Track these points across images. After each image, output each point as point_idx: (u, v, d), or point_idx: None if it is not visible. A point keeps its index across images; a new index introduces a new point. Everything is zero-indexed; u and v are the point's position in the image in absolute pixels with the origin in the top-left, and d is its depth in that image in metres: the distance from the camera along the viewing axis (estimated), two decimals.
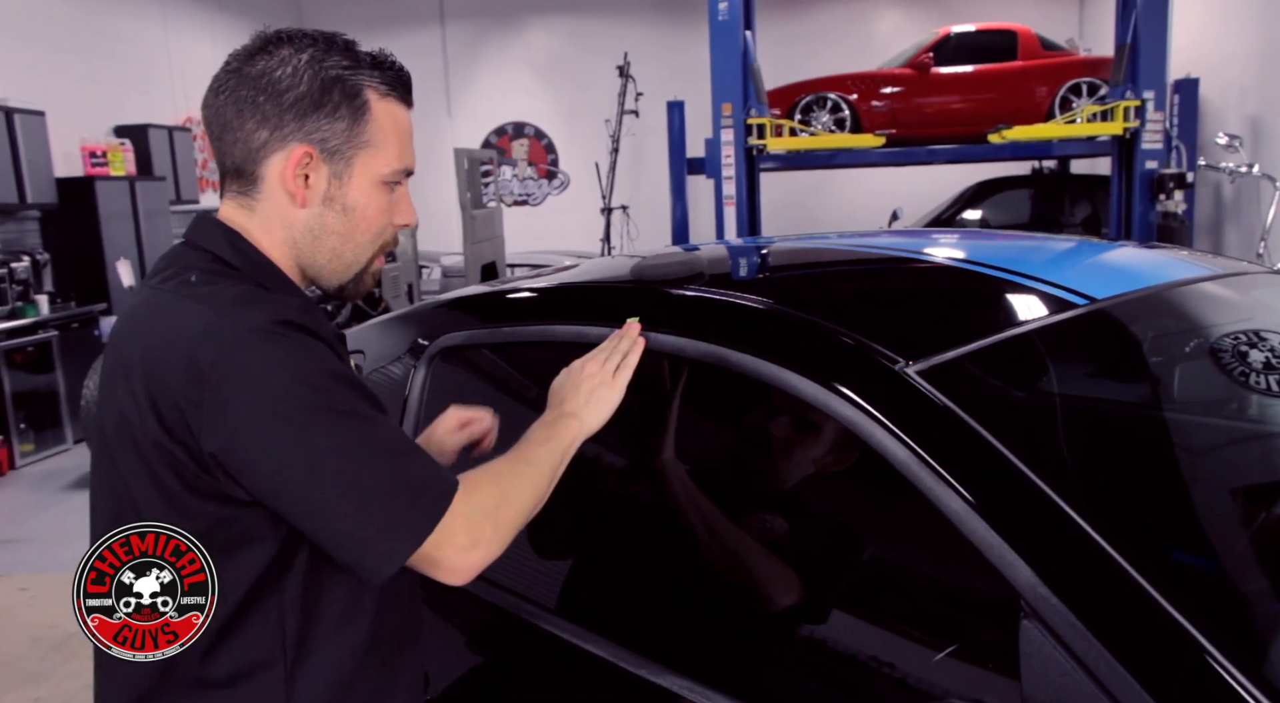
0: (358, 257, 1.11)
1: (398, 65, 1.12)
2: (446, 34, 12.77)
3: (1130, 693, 0.85)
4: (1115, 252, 2.00)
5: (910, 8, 11.57)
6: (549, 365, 1.66)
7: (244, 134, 1.04)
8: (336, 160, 1.06)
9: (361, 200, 1.08)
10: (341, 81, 1.05)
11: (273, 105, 1.03)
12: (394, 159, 1.09)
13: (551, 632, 1.36)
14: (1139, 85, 6.86)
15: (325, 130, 1.04)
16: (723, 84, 7.26)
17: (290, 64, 1.03)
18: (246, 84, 1.03)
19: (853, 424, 1.11)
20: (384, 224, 1.11)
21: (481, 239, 8.07)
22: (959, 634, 1.17)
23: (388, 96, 1.09)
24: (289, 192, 1.05)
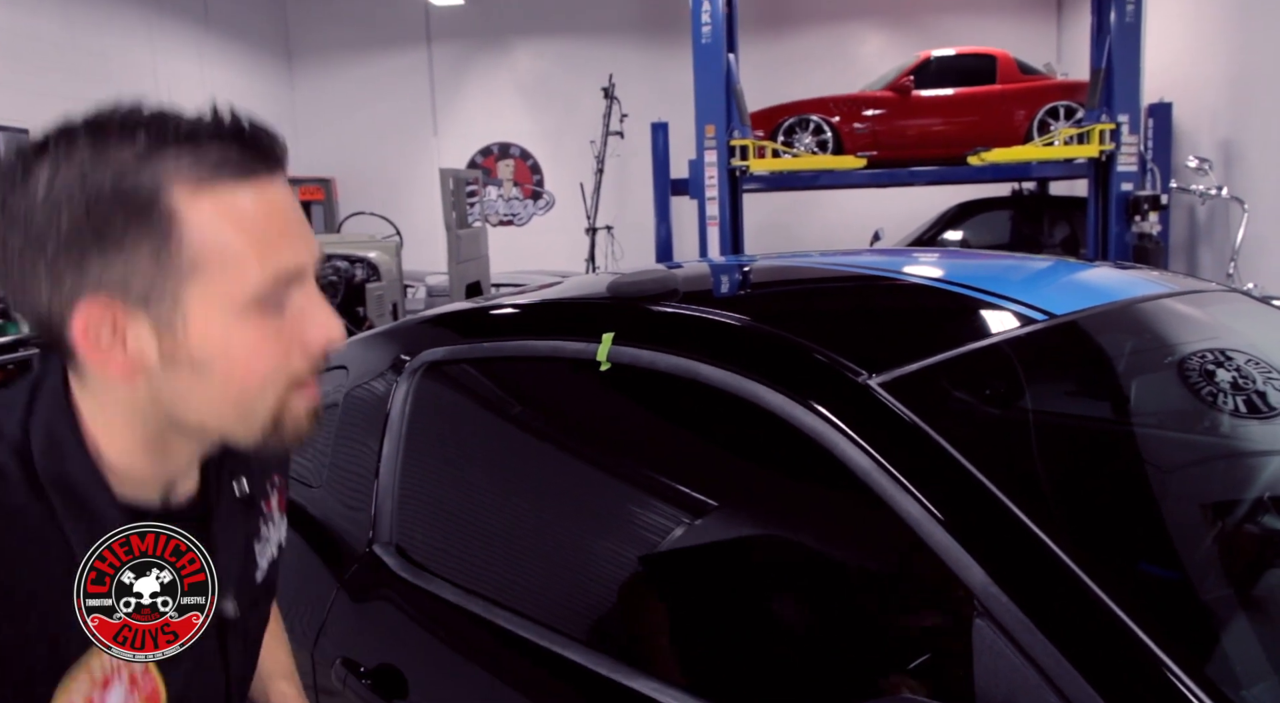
0: (255, 410, 0.79)
1: (230, 124, 0.75)
2: (433, 55, 12.86)
3: (1075, 687, 0.89)
4: (1081, 271, 2.06)
5: (891, 32, 11.74)
6: (529, 380, 1.71)
7: (21, 298, 0.75)
8: (154, 307, 0.74)
9: (218, 346, 0.75)
10: (123, 192, 0.71)
11: (36, 254, 0.72)
12: (250, 272, 0.75)
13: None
14: (1114, 109, 6.99)
15: (120, 269, 0.72)
16: (706, 106, 7.35)
17: (61, 173, 0.72)
18: (13, 227, 0.73)
19: (818, 435, 1.15)
20: (277, 358, 0.78)
21: (467, 259, 8.11)
22: (920, 636, 1.21)
23: (211, 183, 0.73)
24: (96, 363, 0.75)
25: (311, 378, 0.82)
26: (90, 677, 0.81)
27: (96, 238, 0.72)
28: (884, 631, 1.25)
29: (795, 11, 11.86)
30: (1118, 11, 6.82)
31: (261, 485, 0.99)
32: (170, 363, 0.76)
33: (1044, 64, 9.13)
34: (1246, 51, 6.97)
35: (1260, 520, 1.42)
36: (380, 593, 1.63)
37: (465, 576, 1.54)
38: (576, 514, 1.55)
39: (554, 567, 1.53)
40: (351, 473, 1.81)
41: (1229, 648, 1.10)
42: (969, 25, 11.16)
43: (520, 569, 1.52)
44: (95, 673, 0.82)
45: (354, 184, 12.46)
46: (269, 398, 0.79)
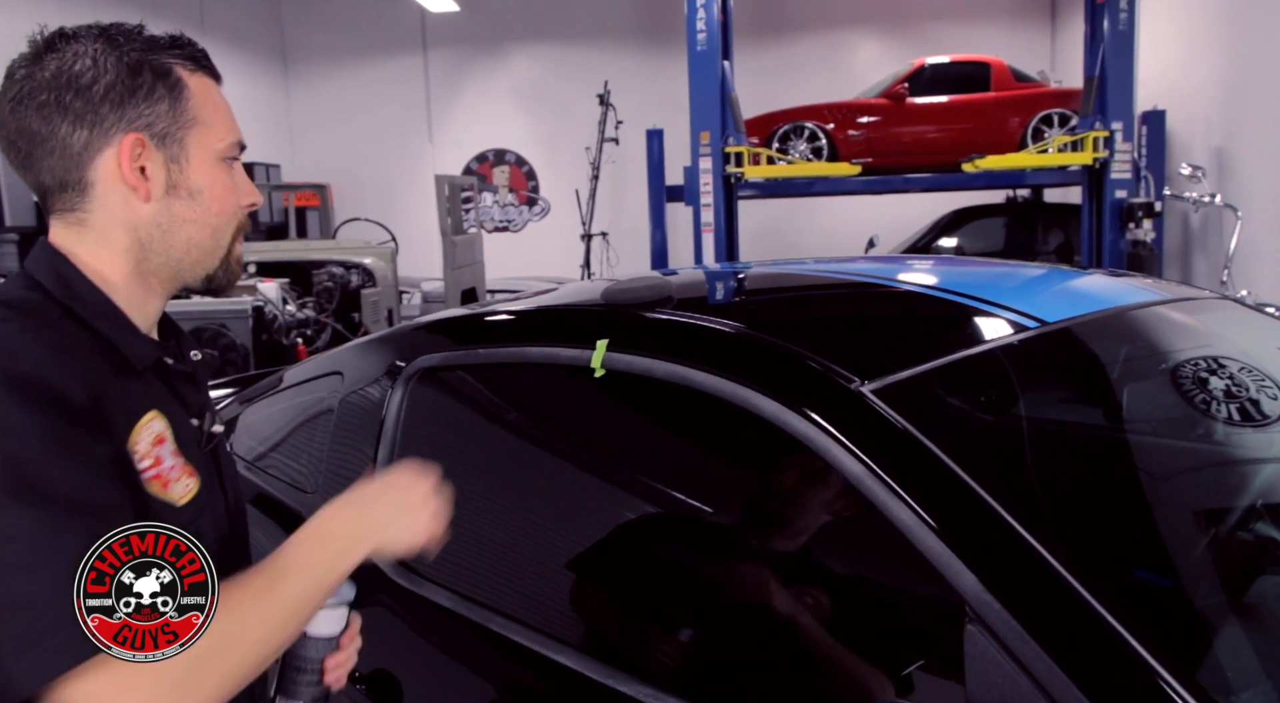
0: (218, 242, 1.04)
1: (192, 41, 1.04)
2: (429, 61, 12.88)
3: (1067, 693, 0.90)
4: (1073, 278, 2.07)
5: (886, 39, 11.78)
6: (524, 386, 1.71)
7: (57, 142, 0.96)
8: (169, 144, 0.99)
9: (206, 181, 1.01)
10: (148, 63, 0.97)
11: (83, 101, 0.95)
12: (226, 131, 1.03)
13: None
14: (1108, 116, 7.02)
15: (148, 115, 0.97)
16: (701, 113, 7.37)
17: (87, 56, 0.95)
18: (45, 88, 0.95)
19: (811, 441, 1.16)
20: (234, 204, 1.04)
21: (462, 265, 8.11)
22: (913, 642, 1.22)
23: (197, 72, 1.02)
24: (130, 186, 0.97)
25: (244, 229, 1.08)
26: (150, 431, 0.96)
27: (131, 90, 0.96)
28: (878, 636, 1.26)
29: (790, 19, 11.90)
30: (1111, 19, 6.86)
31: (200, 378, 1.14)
32: (173, 191, 1.00)
33: (1038, 71, 9.17)
34: (1240, 59, 7.00)
35: (1253, 528, 1.43)
36: (375, 599, 1.63)
37: (460, 582, 1.54)
38: (571, 520, 1.55)
39: (549, 573, 1.53)
40: (347, 479, 1.81)
41: (1220, 654, 1.10)
42: (963, 33, 11.21)
43: (515, 576, 1.52)
44: (154, 428, 0.97)
45: (349, 190, 12.46)
46: (228, 233, 1.05)
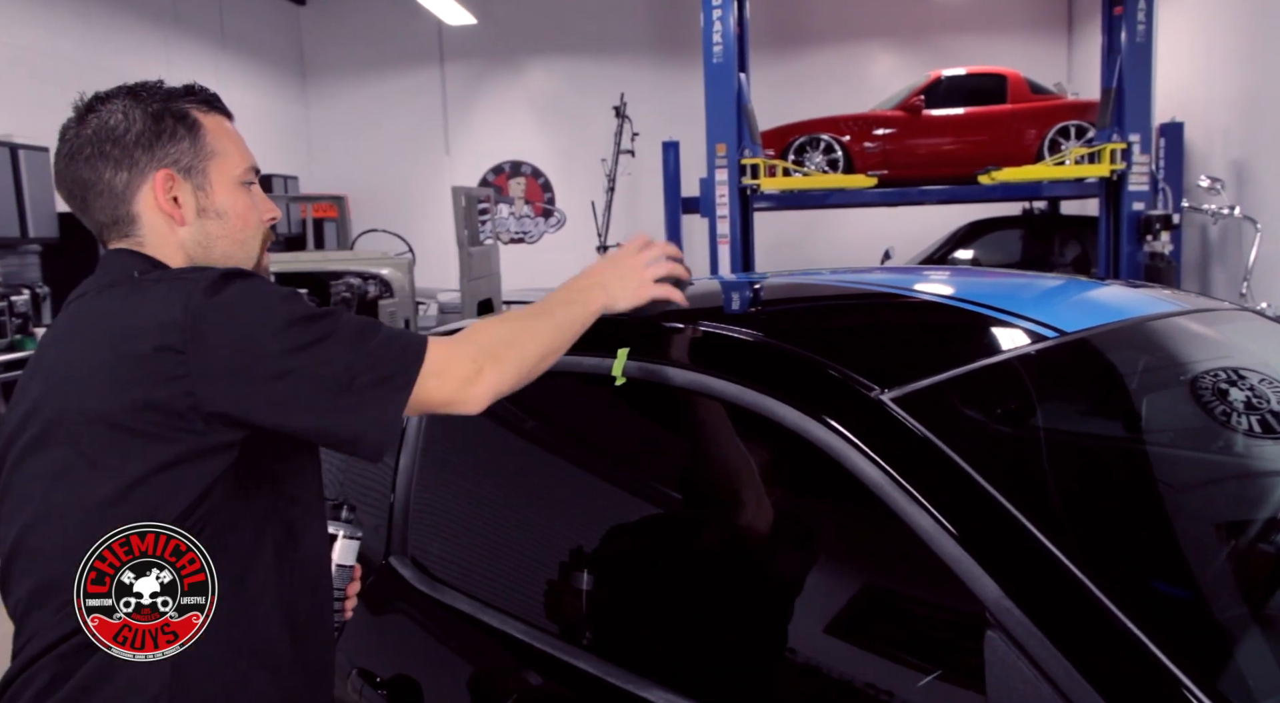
0: (248, 253, 1.22)
1: (204, 88, 1.24)
2: (445, 74, 12.97)
3: (1087, 698, 0.90)
4: (1092, 289, 2.07)
5: (902, 51, 11.79)
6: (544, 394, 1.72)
7: (104, 185, 1.15)
8: (194, 175, 1.17)
9: (228, 202, 1.19)
10: (167, 110, 1.16)
11: (120, 149, 1.14)
12: (240, 159, 1.22)
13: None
14: (1125, 129, 7.01)
15: (174, 152, 1.16)
16: (717, 125, 7.39)
17: (118, 112, 1.15)
18: (88, 143, 1.14)
19: (830, 449, 1.17)
20: (255, 220, 1.23)
21: (478, 276, 8.14)
22: (932, 650, 1.22)
23: (210, 112, 1.21)
24: (166, 214, 1.16)
25: (270, 241, 1.28)
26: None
27: (157, 134, 1.16)
28: (898, 643, 1.26)
29: (806, 31, 11.93)
30: (1129, 31, 6.85)
31: None
32: (203, 214, 1.19)
33: (1054, 83, 9.16)
34: (1258, 71, 6.98)
35: (1275, 540, 1.43)
36: (396, 605, 1.64)
37: (480, 588, 1.55)
38: (589, 527, 1.56)
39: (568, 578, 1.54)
40: (366, 486, 1.83)
41: (1242, 664, 1.10)
42: (979, 45, 11.21)
43: (535, 582, 1.53)
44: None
45: (366, 202, 12.55)
46: (255, 246, 1.24)
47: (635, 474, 1.58)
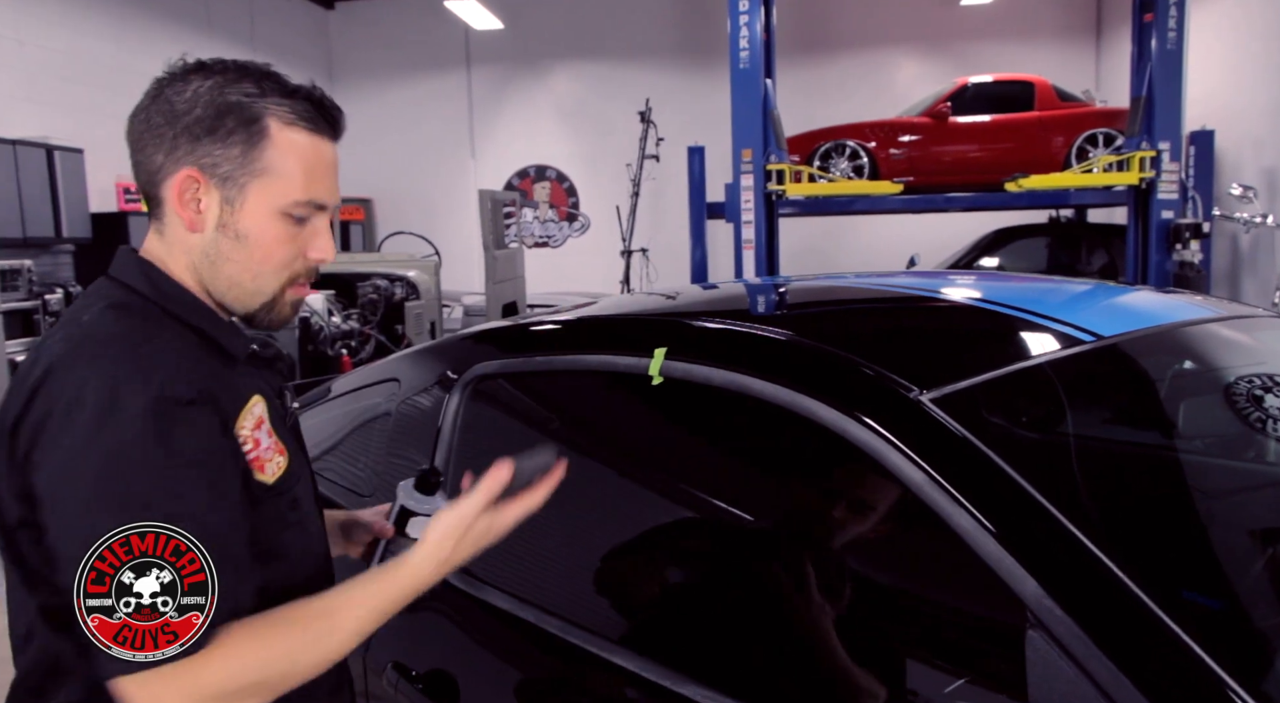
0: (259, 286, 1.08)
1: (317, 96, 1.08)
2: (472, 78, 13.05)
3: (1129, 698, 0.90)
4: (1126, 294, 2.07)
5: (928, 58, 11.76)
6: (581, 393, 1.74)
7: (144, 157, 1.05)
8: (229, 186, 1.04)
9: (256, 229, 1.05)
10: (240, 107, 1.03)
11: (169, 129, 1.03)
12: (295, 189, 1.05)
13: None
14: (1154, 136, 6.95)
15: (217, 155, 1.03)
16: (743, 130, 7.40)
17: (191, 89, 1.03)
18: (154, 109, 1.04)
19: (869, 448, 1.17)
20: (289, 256, 1.08)
21: (503, 279, 8.19)
22: (968, 655, 1.22)
23: (294, 125, 1.05)
24: (180, 216, 1.05)
25: (305, 281, 1.12)
26: (252, 415, 1.05)
27: (210, 130, 1.03)
28: (935, 644, 1.26)
29: (833, 37, 11.92)
30: (1159, 38, 6.81)
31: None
32: (222, 230, 1.05)
33: (1083, 91, 9.11)
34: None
35: None
36: (432, 599, 1.66)
37: (516, 584, 1.57)
38: (625, 524, 1.58)
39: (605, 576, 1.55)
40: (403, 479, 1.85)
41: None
42: (1007, 52, 11.17)
43: (571, 578, 1.55)
44: (255, 412, 1.05)
45: (392, 204, 12.65)
46: (276, 280, 1.09)
47: (672, 473, 1.59)
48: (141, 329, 1.00)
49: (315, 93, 1.09)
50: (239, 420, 1.02)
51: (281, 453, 1.08)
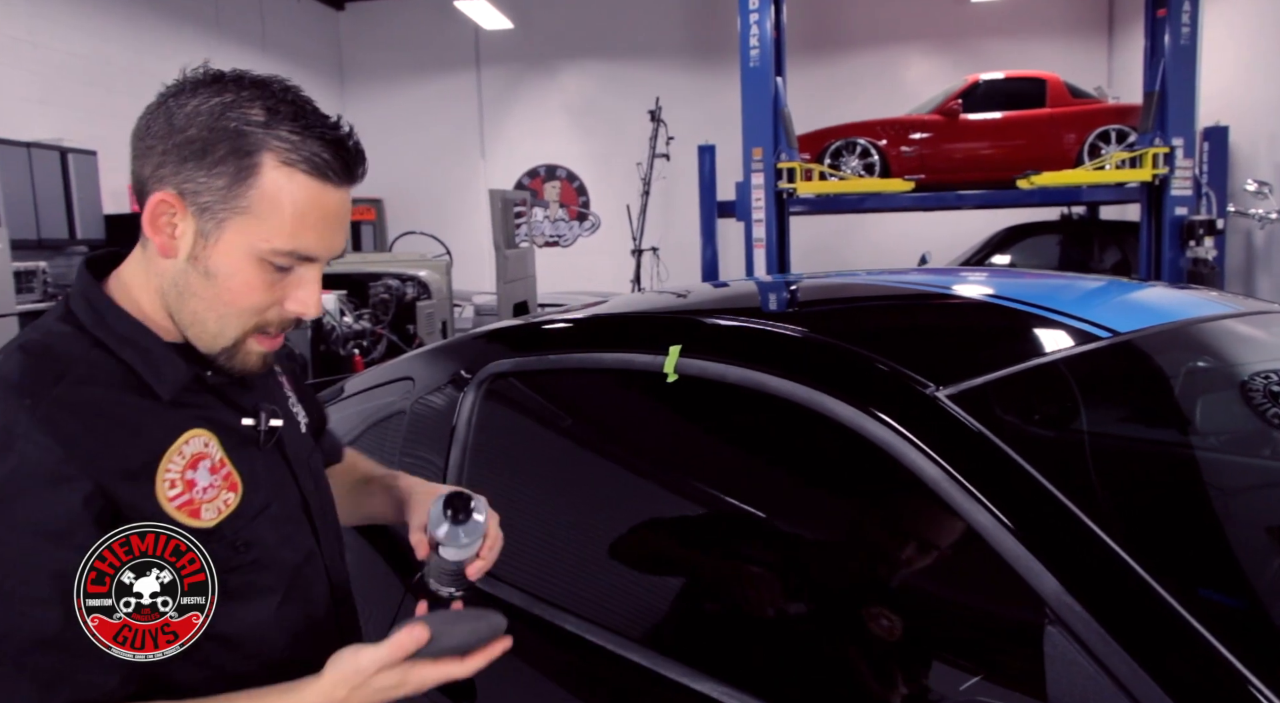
0: (222, 329, 0.98)
1: (334, 136, 0.96)
2: (482, 78, 13.07)
3: (1149, 693, 0.90)
4: (1141, 290, 2.06)
5: (939, 55, 11.73)
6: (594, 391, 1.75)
7: (136, 166, 0.97)
8: (206, 218, 0.94)
9: (226, 269, 0.95)
10: (237, 136, 0.93)
11: (160, 144, 0.94)
12: (277, 236, 0.94)
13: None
14: (1168, 132, 6.92)
15: (200, 182, 0.93)
16: (754, 129, 7.40)
17: (193, 105, 0.94)
18: (153, 119, 0.96)
19: (886, 445, 1.17)
20: (261, 303, 0.98)
21: (514, 279, 8.21)
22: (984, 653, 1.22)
23: (293, 166, 0.94)
24: (152, 238, 0.96)
25: (278, 333, 1.02)
26: (182, 455, 0.97)
27: (199, 154, 0.93)
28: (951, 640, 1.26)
29: (843, 35, 11.90)
30: (1172, 34, 6.77)
31: (273, 370, 1.16)
32: (192, 262, 0.96)
33: (1095, 87, 9.07)
34: None
35: None
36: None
37: (531, 581, 1.57)
38: (639, 520, 1.58)
39: (619, 573, 1.56)
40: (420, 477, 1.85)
41: None
42: (1018, 49, 11.12)
43: (586, 576, 1.55)
44: (189, 450, 0.97)
45: (403, 204, 12.68)
46: (239, 326, 0.99)
47: (685, 470, 1.59)
48: (38, 383, 0.92)
49: (335, 132, 0.97)
50: (163, 464, 0.94)
51: (233, 488, 1.00)
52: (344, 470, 1.37)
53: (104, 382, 0.94)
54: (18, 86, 7.83)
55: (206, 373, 1.01)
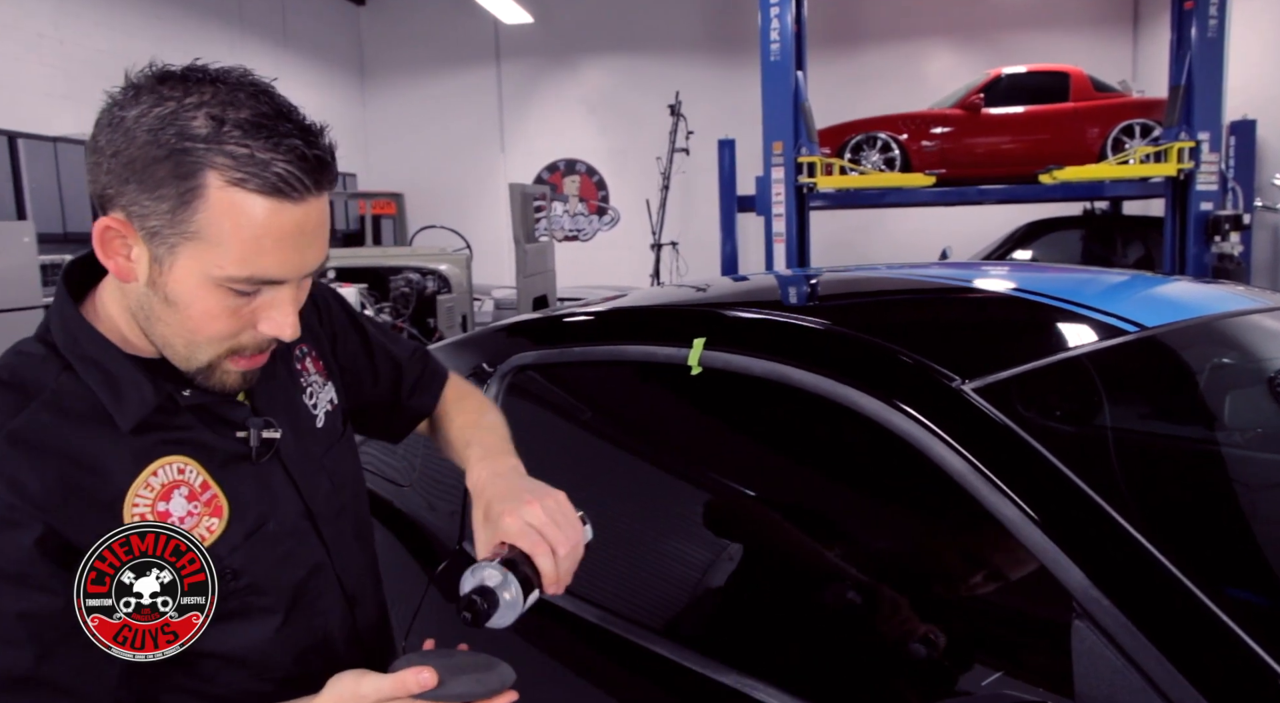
0: (192, 353, 0.92)
1: (287, 146, 0.84)
2: (502, 72, 13.10)
3: (1177, 688, 0.90)
4: (1167, 285, 2.04)
5: (961, 49, 11.65)
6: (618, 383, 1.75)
7: (89, 181, 0.88)
8: (156, 243, 0.86)
9: (186, 296, 0.88)
10: (179, 154, 0.82)
11: (106, 161, 0.85)
12: (230, 262, 0.85)
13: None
14: (1194, 126, 6.86)
15: (145, 206, 0.84)
16: (774, 123, 7.38)
17: (134, 114, 0.84)
18: (102, 129, 0.86)
19: (911, 438, 1.17)
20: (229, 330, 0.91)
21: (534, 273, 8.22)
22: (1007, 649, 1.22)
23: (241, 185, 0.83)
24: (105, 262, 0.89)
25: (256, 353, 0.95)
26: (151, 487, 0.92)
27: (140, 176, 0.83)
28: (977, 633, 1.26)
29: (864, 29, 11.84)
30: (1199, 26, 6.70)
31: (289, 354, 1.10)
32: (152, 287, 0.88)
33: (1119, 81, 8.99)
34: None
35: None
36: None
37: None
38: (664, 513, 1.58)
39: (644, 566, 1.56)
40: (441, 472, 1.87)
41: None
42: (1041, 42, 11.04)
43: (611, 568, 1.55)
44: (158, 480, 0.93)
45: (422, 199, 12.72)
46: (210, 350, 0.92)
47: (709, 463, 1.59)
48: (2, 415, 0.88)
49: (291, 141, 0.84)
50: (129, 498, 0.91)
51: (217, 513, 0.96)
52: (436, 422, 1.29)
53: (67, 412, 0.90)
54: (43, 82, 7.91)
55: (184, 393, 0.95)
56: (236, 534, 0.97)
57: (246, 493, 0.98)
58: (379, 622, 1.20)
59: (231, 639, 0.98)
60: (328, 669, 0.94)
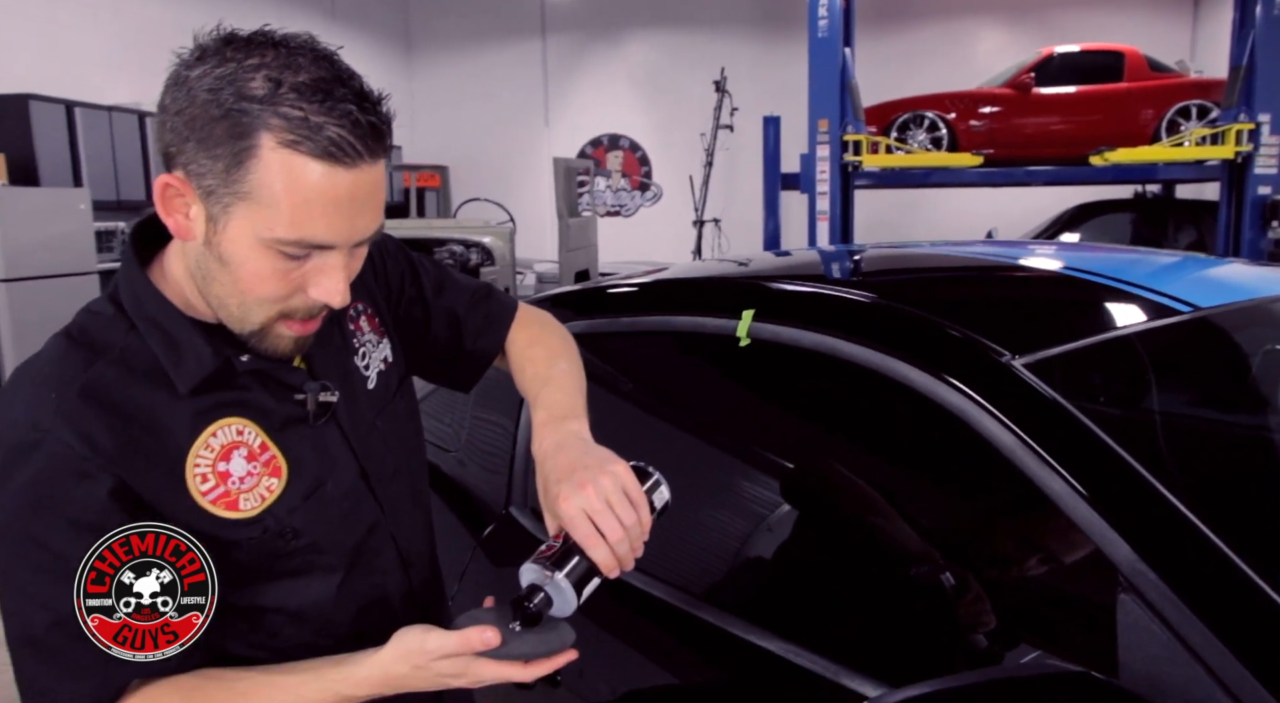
0: (245, 315, 0.93)
1: (345, 109, 0.84)
2: (547, 46, 13.09)
3: (1223, 662, 0.90)
4: (1220, 266, 2.01)
5: (1012, 27, 11.44)
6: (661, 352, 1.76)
7: (156, 139, 0.91)
8: (213, 202, 0.87)
9: (238, 257, 0.89)
10: (235, 115, 0.83)
11: (171, 120, 0.87)
12: (280, 224, 0.86)
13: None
14: (1254, 108, 6.69)
15: (203, 165, 0.85)
16: (820, 100, 7.32)
17: (196, 75, 0.85)
18: (169, 88, 0.88)
19: (960, 412, 1.18)
20: (280, 292, 0.91)
21: (576, 247, 8.25)
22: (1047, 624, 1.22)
23: (294, 147, 0.83)
24: (165, 220, 0.91)
25: (308, 318, 0.95)
26: (211, 448, 0.95)
27: (198, 134, 0.85)
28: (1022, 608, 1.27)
29: (914, 6, 11.66)
30: (1264, 5, 6.52)
31: (342, 316, 1.10)
32: (209, 247, 0.90)
33: (1176, 61, 8.78)
34: None
35: None
36: (516, 553, 1.70)
37: None
38: (710, 483, 1.60)
39: (690, 532, 1.59)
40: (489, 438, 1.90)
41: None
42: (1096, 21, 10.81)
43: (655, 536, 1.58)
44: (217, 441, 0.96)
45: (468, 171, 12.80)
46: (261, 313, 0.93)
47: (756, 436, 1.61)
48: (66, 374, 0.92)
49: (346, 106, 0.85)
50: (190, 458, 0.94)
51: (276, 473, 0.98)
52: (509, 365, 1.28)
53: (133, 370, 0.93)
54: (97, 51, 8.05)
55: (242, 357, 0.96)
56: (295, 495, 0.99)
57: (304, 455, 1.00)
58: (432, 581, 1.23)
59: (295, 596, 1.01)
60: (385, 627, 0.96)
